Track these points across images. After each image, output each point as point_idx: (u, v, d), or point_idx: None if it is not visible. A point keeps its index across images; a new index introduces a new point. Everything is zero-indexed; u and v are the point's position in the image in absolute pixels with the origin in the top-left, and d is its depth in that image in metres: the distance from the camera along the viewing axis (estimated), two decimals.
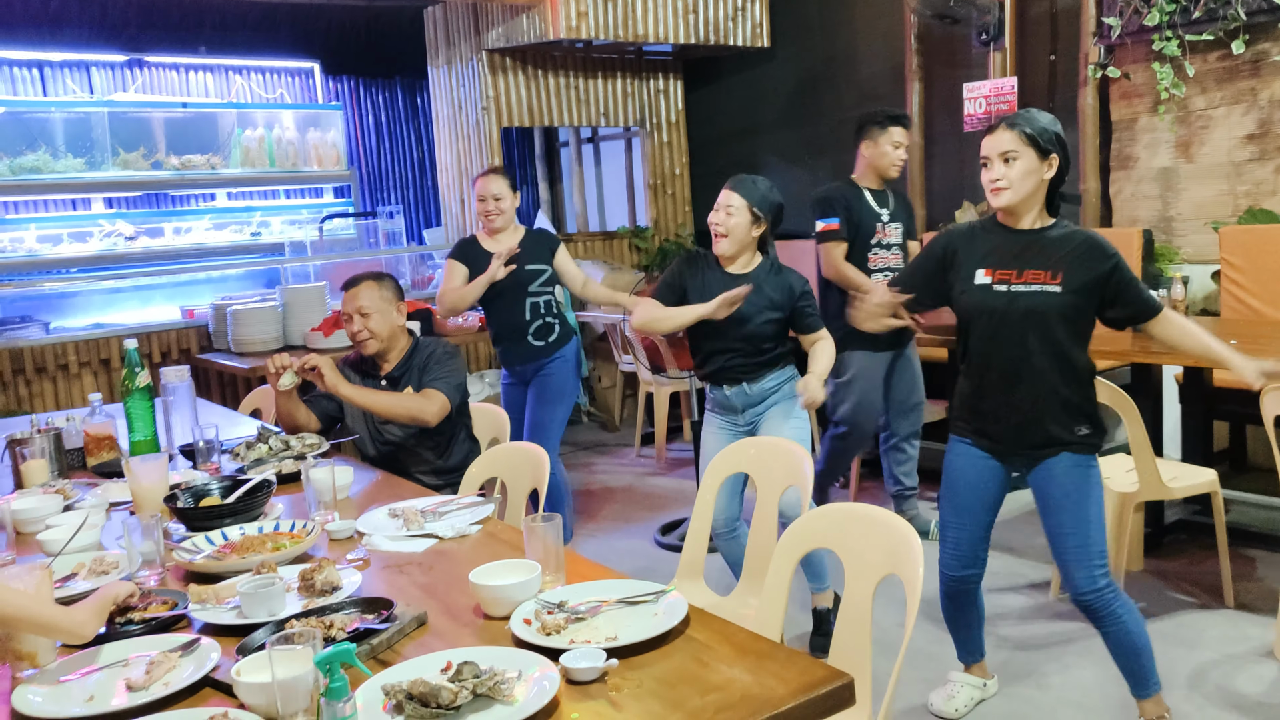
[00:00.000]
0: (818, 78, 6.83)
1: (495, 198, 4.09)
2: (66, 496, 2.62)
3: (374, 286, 3.22)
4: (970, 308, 2.64)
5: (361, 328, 3.19)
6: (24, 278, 5.62)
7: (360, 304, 3.18)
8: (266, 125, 6.70)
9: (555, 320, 4.18)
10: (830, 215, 4.04)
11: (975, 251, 2.64)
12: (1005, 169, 2.52)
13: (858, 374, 4.10)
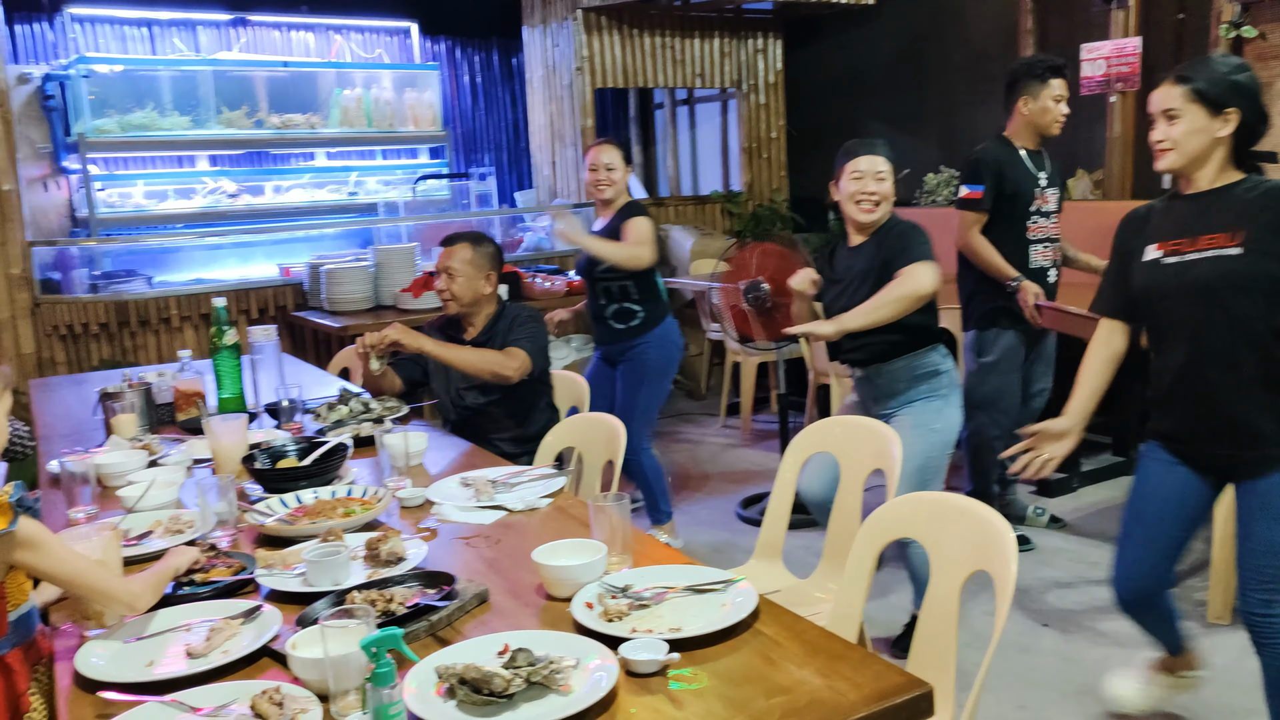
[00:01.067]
0: (925, 37, 6.54)
1: (607, 168, 3.94)
2: (152, 451, 2.67)
3: (468, 249, 3.18)
4: (1139, 292, 2.33)
5: (445, 287, 3.16)
6: (131, 232, 5.77)
7: (450, 264, 3.16)
8: (365, 85, 6.74)
9: (637, 305, 3.97)
10: (975, 181, 3.68)
11: (1149, 228, 2.34)
12: (1167, 128, 2.25)
13: (1004, 355, 3.78)
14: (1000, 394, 3.82)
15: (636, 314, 3.99)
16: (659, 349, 4.01)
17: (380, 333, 3.00)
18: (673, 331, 4.08)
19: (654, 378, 4.01)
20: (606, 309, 4.01)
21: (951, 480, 4.56)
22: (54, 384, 4.10)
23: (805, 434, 2.64)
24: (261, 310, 5.59)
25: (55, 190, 5.87)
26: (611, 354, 4.10)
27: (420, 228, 6.23)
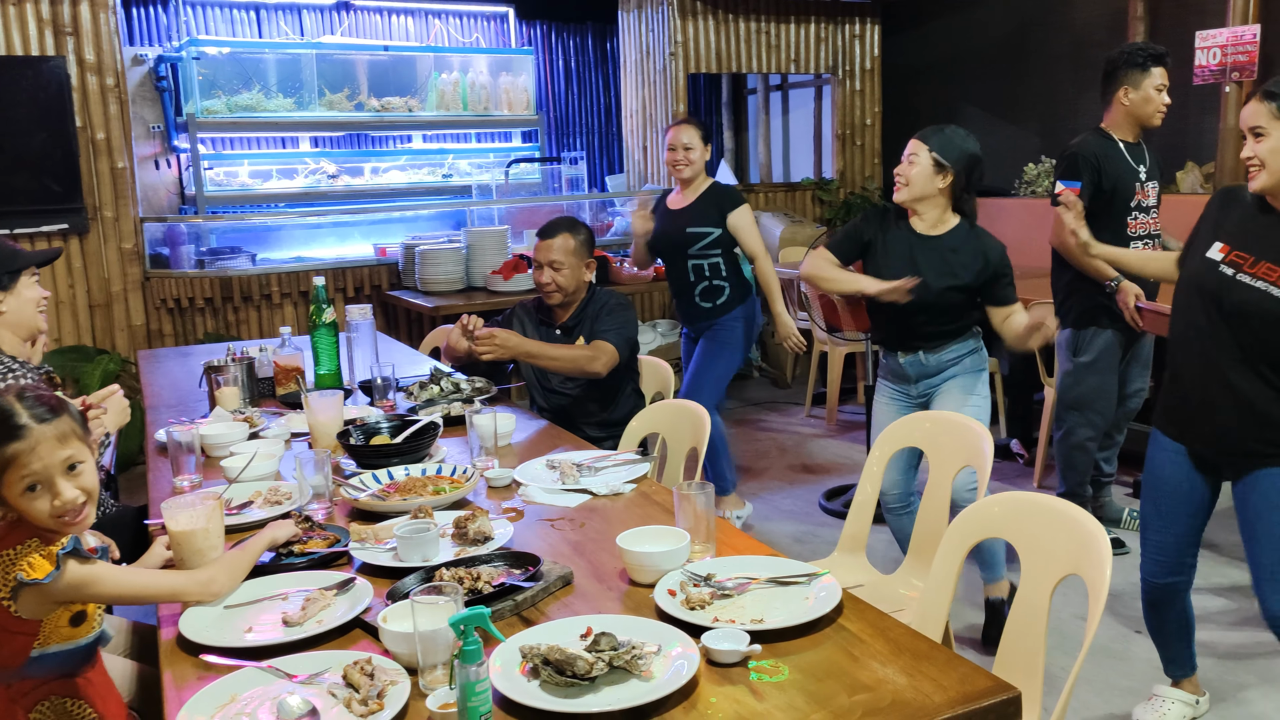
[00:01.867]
0: (1028, 23, 6.35)
1: (685, 147, 3.97)
2: (253, 424, 2.76)
3: (569, 238, 3.20)
4: (1186, 279, 2.35)
5: (551, 280, 3.18)
6: (236, 211, 5.97)
7: (554, 256, 3.17)
8: (461, 69, 6.83)
9: (724, 283, 4.01)
10: (1073, 177, 3.54)
11: (1227, 218, 2.31)
12: (1255, 145, 2.20)
13: (1101, 355, 3.66)
14: (1096, 395, 3.71)
15: (723, 291, 4.02)
16: (744, 326, 4.08)
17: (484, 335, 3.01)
18: (756, 310, 4.15)
19: (732, 350, 4.07)
20: (695, 287, 4.03)
21: (1044, 480, 4.45)
22: (161, 355, 4.27)
23: (894, 427, 2.60)
24: (357, 289, 5.73)
25: (165, 169, 6.10)
26: (696, 330, 4.15)
27: (512, 210, 6.31)
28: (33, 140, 5.11)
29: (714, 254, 3.98)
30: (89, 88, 5.21)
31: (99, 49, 5.21)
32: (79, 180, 5.21)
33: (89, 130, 5.24)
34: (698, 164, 4.00)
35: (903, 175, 3.04)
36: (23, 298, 2.51)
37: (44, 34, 5.09)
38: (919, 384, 3.14)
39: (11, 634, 1.51)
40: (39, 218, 5.14)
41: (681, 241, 3.98)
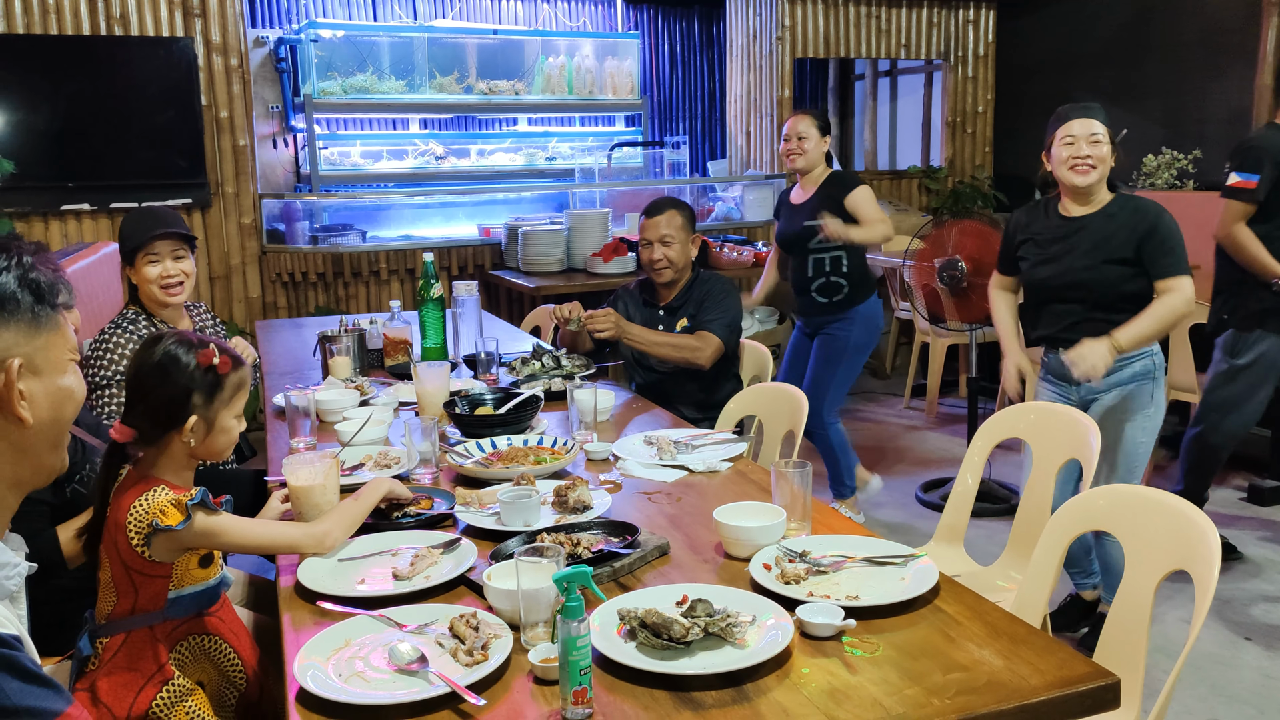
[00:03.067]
0: (1152, 7, 6.12)
1: (800, 137, 3.92)
2: (363, 392, 2.87)
3: (676, 215, 3.25)
4: None
5: (662, 256, 3.23)
6: (348, 189, 6.16)
7: (664, 232, 3.22)
8: (568, 53, 6.90)
9: (843, 280, 3.92)
10: (1251, 170, 3.37)
11: None
12: None
13: (1261, 359, 3.49)
14: (1245, 400, 3.54)
15: (842, 288, 3.95)
16: (861, 327, 3.96)
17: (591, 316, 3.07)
18: (876, 311, 4.02)
19: (852, 355, 3.97)
20: (814, 282, 3.97)
21: (1153, 480, 4.32)
22: (275, 325, 4.45)
23: (998, 418, 2.56)
24: (461, 268, 5.86)
25: (283, 147, 6.33)
26: (812, 326, 4.08)
27: (613, 194, 6.36)
28: (162, 117, 5.37)
29: (836, 246, 3.88)
30: (214, 68, 5.44)
31: (225, 30, 5.43)
32: (203, 157, 5.45)
33: (213, 109, 5.47)
34: (812, 155, 3.93)
35: (1091, 157, 2.80)
36: (141, 275, 2.67)
37: (174, 15, 5.33)
38: (1081, 387, 2.91)
39: (148, 578, 1.61)
40: (165, 192, 5.39)
41: (802, 235, 3.94)
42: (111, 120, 5.29)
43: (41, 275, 1.17)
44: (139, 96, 5.30)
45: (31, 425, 1.15)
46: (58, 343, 1.19)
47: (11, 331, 1.13)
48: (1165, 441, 4.63)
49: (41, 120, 5.15)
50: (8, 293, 1.13)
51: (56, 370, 1.18)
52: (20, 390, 1.13)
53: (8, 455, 1.16)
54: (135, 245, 2.66)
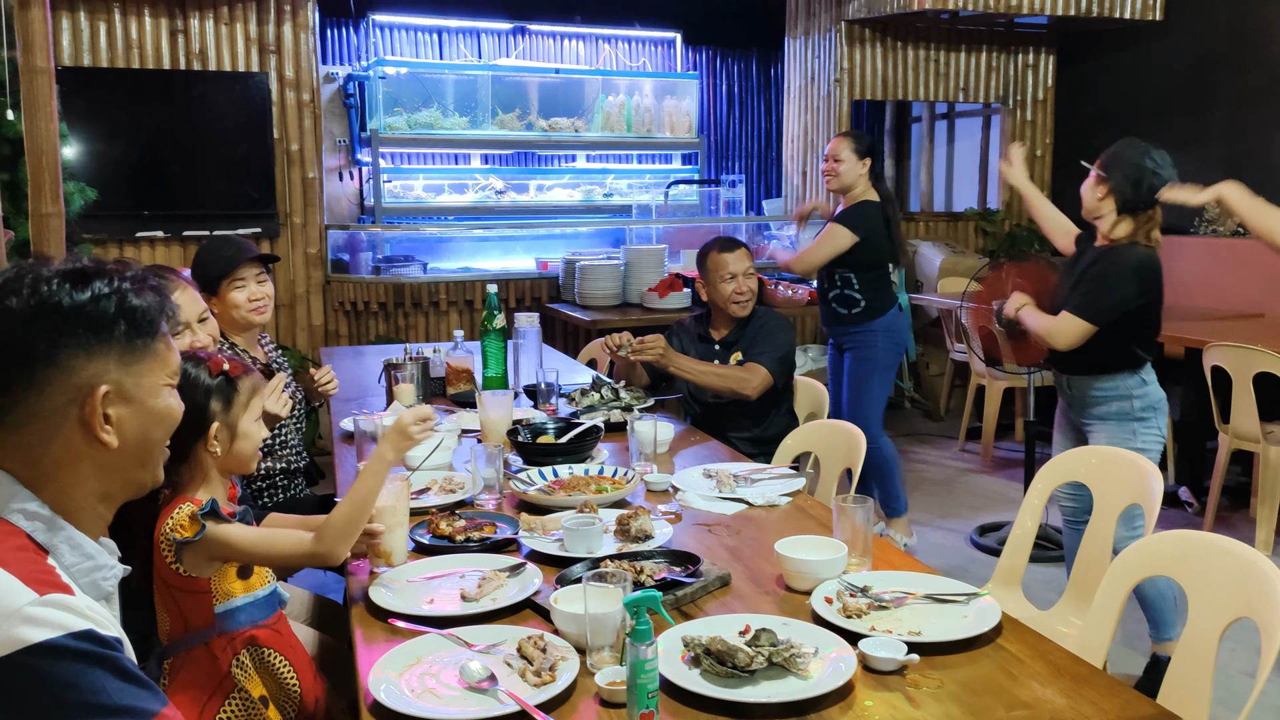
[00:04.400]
0: (1217, 56, 6.08)
1: (835, 159, 4.11)
2: None
3: (748, 252, 3.41)
4: None
5: (747, 289, 3.34)
6: (410, 221, 6.31)
7: (746, 265, 3.36)
8: (628, 92, 7.02)
9: (857, 294, 4.09)
10: None
11: None
12: None
13: None
14: None
15: (858, 302, 4.11)
16: (885, 340, 4.11)
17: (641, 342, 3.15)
18: (897, 325, 4.18)
19: (881, 371, 4.12)
20: (829, 293, 4.18)
21: (1215, 531, 4.24)
22: (338, 353, 4.56)
23: (1057, 461, 2.56)
24: (519, 300, 5.96)
25: (348, 180, 6.50)
26: (836, 336, 4.26)
27: (670, 230, 6.43)
28: (235, 150, 5.55)
29: (842, 267, 4.09)
30: (287, 102, 5.62)
31: (298, 67, 5.62)
32: (274, 188, 5.62)
33: (285, 142, 5.65)
34: (845, 177, 4.08)
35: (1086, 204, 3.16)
36: (227, 302, 2.78)
37: (250, 52, 5.53)
38: (1073, 411, 3.13)
39: (188, 594, 1.66)
40: (236, 221, 5.56)
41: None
42: (187, 151, 5.49)
43: (142, 301, 1.18)
44: (214, 129, 5.49)
45: (115, 448, 1.17)
46: (154, 369, 1.20)
47: (103, 358, 1.15)
48: (1229, 492, 4.55)
49: (120, 150, 5.35)
50: (104, 320, 1.15)
51: (149, 395, 1.20)
52: (107, 415, 1.16)
53: (92, 473, 1.18)
54: (222, 272, 2.77)
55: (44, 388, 1.13)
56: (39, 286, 1.14)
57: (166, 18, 5.34)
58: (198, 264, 2.86)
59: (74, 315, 1.14)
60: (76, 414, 1.15)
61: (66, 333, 1.14)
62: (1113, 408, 3.01)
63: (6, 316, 1.12)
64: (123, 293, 1.17)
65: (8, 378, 1.13)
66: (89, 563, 1.16)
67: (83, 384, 1.14)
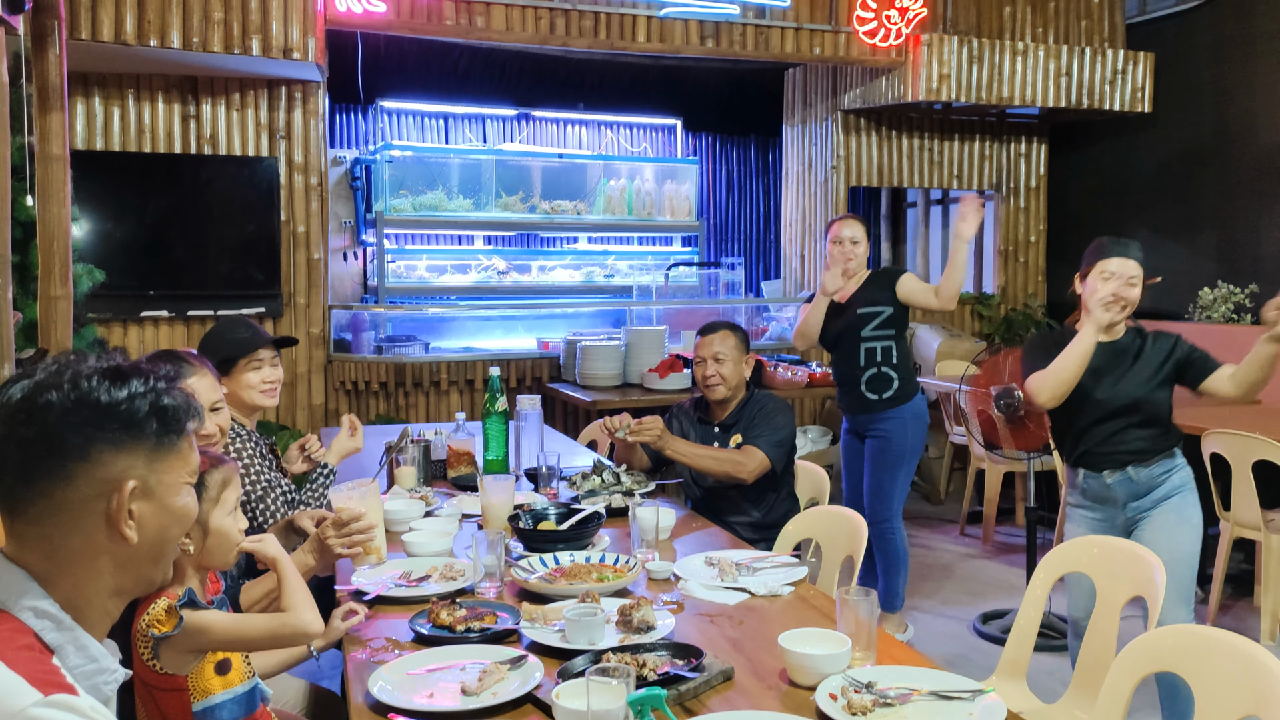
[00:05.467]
0: (1205, 147, 6.23)
1: (852, 241, 4.05)
2: (428, 503, 2.93)
3: (730, 336, 3.38)
4: None
5: (715, 373, 3.33)
6: (413, 301, 6.37)
7: (717, 350, 3.34)
8: (629, 176, 7.16)
9: (893, 371, 3.99)
10: None
11: None
12: None
13: None
14: None
15: (892, 383, 3.99)
16: (913, 425, 4.02)
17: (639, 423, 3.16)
18: (923, 409, 4.10)
19: (909, 457, 4.03)
20: (863, 374, 4.02)
21: (1218, 620, 4.20)
22: (338, 433, 4.55)
23: (1060, 551, 2.55)
24: (520, 380, 5.98)
25: (352, 260, 6.59)
26: (859, 425, 4.11)
27: (670, 311, 6.50)
28: (243, 231, 5.63)
29: (887, 335, 3.99)
30: (295, 186, 5.72)
31: (307, 151, 5.73)
32: (278, 269, 5.68)
33: (291, 224, 5.73)
34: (862, 259, 4.09)
35: (1126, 299, 2.91)
36: (240, 381, 2.79)
37: (260, 137, 5.64)
38: (1127, 507, 2.97)
39: (165, 692, 1.64)
40: (240, 301, 5.62)
41: (854, 323, 4.03)
42: (194, 232, 5.57)
43: (173, 401, 1.22)
44: (222, 211, 5.58)
45: (135, 544, 1.19)
46: (177, 466, 1.23)
47: (132, 454, 1.18)
48: (1232, 580, 4.52)
49: (128, 230, 5.43)
50: (137, 418, 1.18)
51: (170, 493, 1.23)
52: (130, 510, 1.18)
53: (109, 568, 1.20)
54: (241, 351, 2.80)
55: (73, 480, 1.15)
56: (79, 382, 1.17)
57: (179, 103, 5.46)
58: (213, 343, 2.87)
59: (110, 412, 1.17)
60: (102, 508, 1.17)
61: (102, 428, 1.17)
62: (1174, 480, 2.94)
63: (45, 410, 1.15)
64: (158, 391, 1.21)
65: (39, 470, 1.15)
66: (92, 665, 1.17)
67: (111, 478, 1.17)
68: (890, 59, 6.15)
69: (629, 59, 6.62)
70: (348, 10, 5.21)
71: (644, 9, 5.70)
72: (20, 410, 1.15)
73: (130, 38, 4.76)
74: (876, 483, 4.03)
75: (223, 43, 4.96)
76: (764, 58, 6.12)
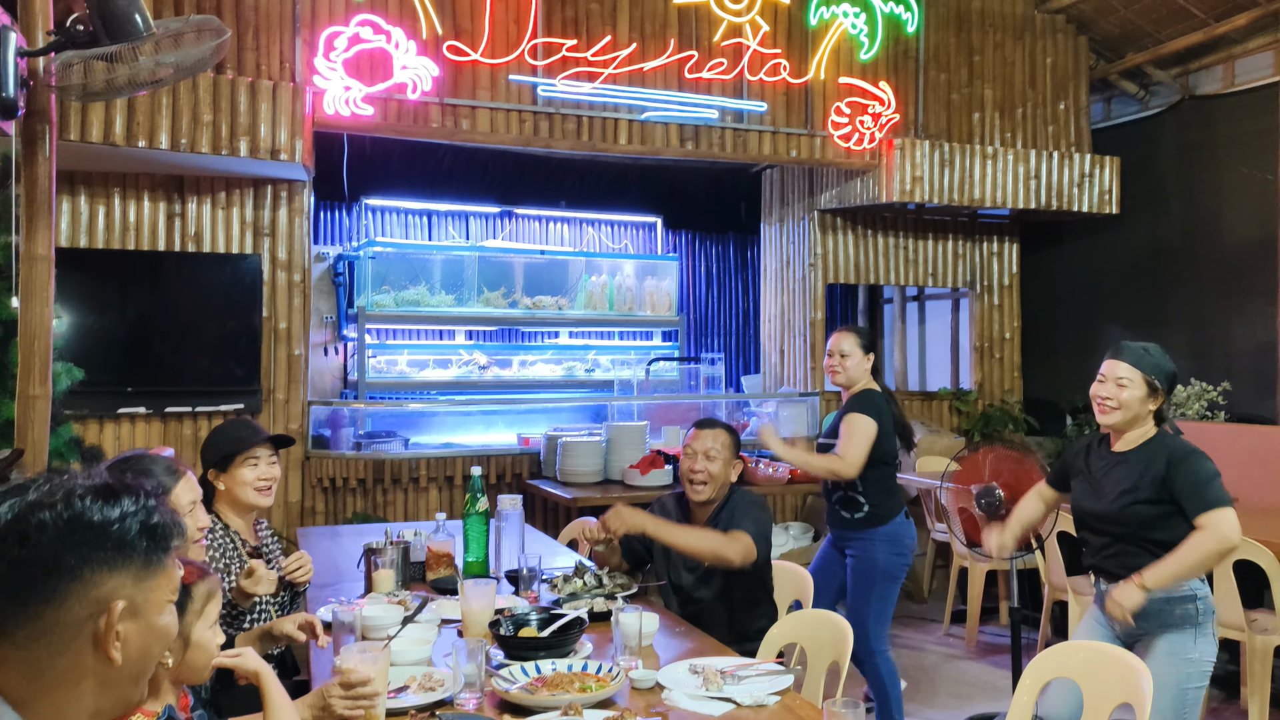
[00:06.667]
0: (1173, 247, 6.40)
1: (841, 354, 3.99)
2: (406, 608, 2.88)
3: (724, 435, 3.35)
4: None
5: (703, 469, 3.28)
6: (393, 397, 6.36)
7: (709, 446, 3.30)
8: (610, 272, 7.25)
9: (860, 496, 3.90)
10: None
11: None
12: None
13: None
14: None
15: (861, 505, 3.92)
16: (887, 549, 3.89)
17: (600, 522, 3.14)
18: (904, 533, 3.95)
19: (883, 581, 3.87)
20: (833, 494, 4.00)
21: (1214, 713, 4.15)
22: (315, 533, 4.50)
23: (1046, 656, 2.53)
24: (499, 476, 5.94)
25: (333, 355, 6.59)
26: (838, 540, 4.06)
27: (651, 407, 6.51)
28: (224, 327, 5.63)
29: None
30: (278, 282, 5.75)
31: (291, 249, 5.77)
32: (259, 364, 5.67)
33: (273, 319, 5.74)
34: (852, 373, 3.98)
35: (1113, 399, 2.89)
36: (235, 478, 2.78)
37: (245, 234, 5.69)
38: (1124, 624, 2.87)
39: None
40: (219, 397, 5.59)
41: (821, 449, 4.03)
42: (175, 329, 5.56)
43: (161, 518, 1.21)
44: (203, 307, 5.57)
45: (119, 664, 1.17)
46: (162, 585, 1.22)
47: (122, 574, 1.17)
48: (1217, 681, 4.48)
49: (108, 327, 5.41)
50: (129, 537, 1.18)
51: (155, 611, 1.21)
52: (118, 631, 1.16)
53: (92, 689, 1.17)
54: (238, 448, 2.78)
55: (65, 602, 1.14)
56: (71, 501, 1.16)
57: (165, 201, 5.51)
58: (213, 440, 2.88)
59: (103, 531, 1.16)
60: (91, 629, 1.15)
61: (96, 548, 1.16)
62: (1177, 613, 2.79)
63: (40, 530, 1.14)
64: (148, 510, 1.20)
65: (32, 592, 1.13)
66: None
67: (102, 598, 1.15)
68: (864, 161, 6.32)
69: (610, 159, 6.77)
70: (336, 113, 5.32)
71: (625, 113, 5.85)
72: (12, 530, 1.13)
73: (119, 139, 4.83)
74: (852, 607, 3.90)
75: (211, 144, 5.04)
76: (742, 159, 6.28)
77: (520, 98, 5.68)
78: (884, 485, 3.95)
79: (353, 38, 5.34)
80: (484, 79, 5.62)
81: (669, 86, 5.92)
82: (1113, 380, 2.91)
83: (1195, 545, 2.70)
